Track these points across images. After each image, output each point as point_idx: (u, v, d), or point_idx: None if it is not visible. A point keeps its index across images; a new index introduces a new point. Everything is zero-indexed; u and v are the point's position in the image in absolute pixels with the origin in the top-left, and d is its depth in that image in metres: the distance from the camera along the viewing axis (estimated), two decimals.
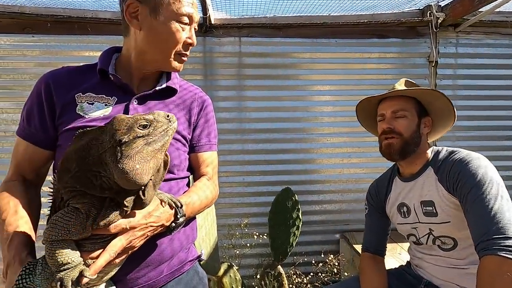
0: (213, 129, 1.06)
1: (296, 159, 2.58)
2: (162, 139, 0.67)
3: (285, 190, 1.97)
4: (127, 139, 0.63)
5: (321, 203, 2.61)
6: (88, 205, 0.65)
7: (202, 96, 1.05)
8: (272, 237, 1.86)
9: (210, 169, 1.02)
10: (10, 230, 0.75)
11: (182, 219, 0.83)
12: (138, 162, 0.62)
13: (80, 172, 0.66)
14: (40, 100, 0.87)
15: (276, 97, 2.56)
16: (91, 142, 0.66)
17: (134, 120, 0.65)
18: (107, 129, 0.66)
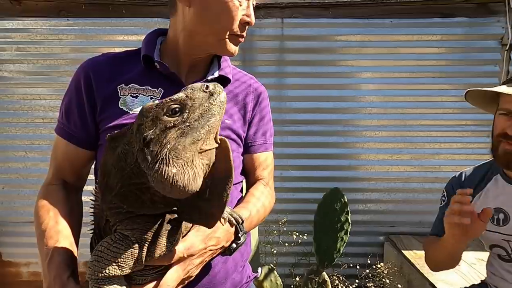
0: (270, 126, 0.93)
1: (339, 153, 2.37)
2: (206, 122, 0.50)
3: (334, 191, 1.80)
4: (153, 135, 0.48)
5: (365, 202, 2.40)
6: (139, 231, 0.53)
7: (257, 87, 0.90)
8: (317, 242, 1.71)
9: (267, 172, 0.90)
10: (50, 245, 0.66)
11: (244, 238, 0.72)
12: (174, 163, 0.47)
13: (124, 188, 0.52)
14: (80, 93, 0.77)
15: (320, 85, 2.33)
16: (125, 147, 0.52)
17: (160, 106, 0.49)
18: (134, 127, 0.52)
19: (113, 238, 0.53)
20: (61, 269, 0.62)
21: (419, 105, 2.33)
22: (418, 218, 2.37)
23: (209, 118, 0.50)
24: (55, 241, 0.66)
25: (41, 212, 0.72)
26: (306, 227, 2.31)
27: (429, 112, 2.34)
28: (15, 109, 2.35)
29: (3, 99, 2.35)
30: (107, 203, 0.54)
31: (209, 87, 0.52)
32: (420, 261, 1.98)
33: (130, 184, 0.52)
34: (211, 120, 0.50)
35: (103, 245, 0.52)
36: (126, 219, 0.53)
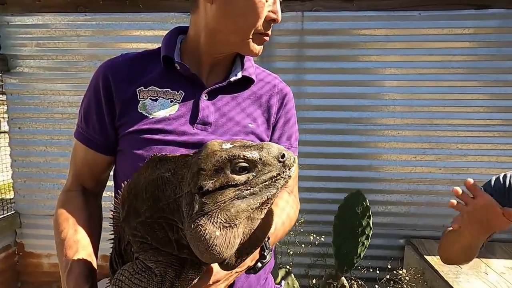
0: (295, 130, 0.87)
1: (360, 153, 2.28)
2: (267, 192, 0.46)
3: (355, 194, 1.73)
4: (211, 187, 0.44)
5: (385, 204, 2.31)
6: (163, 265, 0.49)
7: (282, 88, 0.85)
8: (336, 246, 1.65)
9: (291, 179, 0.84)
10: (69, 256, 0.64)
11: (270, 257, 0.67)
12: (221, 225, 0.43)
13: (153, 219, 0.49)
14: (98, 97, 0.74)
15: (341, 82, 2.24)
16: (168, 176, 0.48)
17: (229, 157, 0.45)
18: (192, 161, 0.47)
19: (135, 267, 0.49)
20: (79, 282, 0.60)
21: (447, 103, 2.20)
22: (442, 222, 2.26)
23: (271, 189, 0.47)
24: (74, 251, 0.64)
25: (60, 219, 0.70)
26: (323, 228, 2.26)
27: (457, 111, 2.21)
28: (36, 104, 2.39)
29: (24, 94, 2.38)
30: (131, 228, 0.51)
31: (285, 157, 0.48)
32: (444, 268, 1.89)
33: (160, 217, 0.48)
34: (272, 191, 0.47)
35: (124, 274, 0.49)
36: (150, 249, 0.50)
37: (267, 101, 0.80)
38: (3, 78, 2.38)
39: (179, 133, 0.69)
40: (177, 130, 0.69)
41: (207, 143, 0.49)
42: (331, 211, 2.24)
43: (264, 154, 0.47)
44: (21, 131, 2.42)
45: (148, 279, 0.48)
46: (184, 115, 0.71)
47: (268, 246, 0.66)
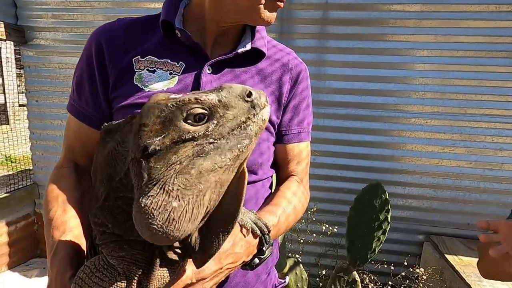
0: (308, 113, 0.78)
1: (381, 142, 2.13)
2: (237, 144, 0.37)
3: (374, 186, 1.60)
4: (159, 145, 0.34)
5: (406, 197, 2.17)
6: (127, 261, 0.41)
7: (297, 65, 0.75)
8: (350, 239, 1.56)
9: (301, 167, 0.77)
10: (56, 237, 0.59)
11: (269, 252, 0.60)
12: (179, 193, 0.34)
13: (110, 202, 0.41)
14: (91, 66, 0.67)
15: (366, 64, 2.06)
16: (116, 148, 0.40)
17: (178, 105, 0.36)
18: (135, 123, 0.38)
19: (97, 264, 0.42)
20: (63, 266, 0.54)
21: (485, 91, 1.98)
22: (467, 220, 2.10)
23: (242, 139, 0.37)
24: (61, 232, 0.59)
25: (50, 197, 0.65)
26: (337, 218, 2.16)
27: (496, 100, 1.99)
28: (51, 78, 2.38)
29: (40, 67, 2.38)
30: (91, 216, 0.43)
31: (252, 94, 0.38)
32: (466, 269, 1.76)
33: (117, 198, 0.40)
34: (243, 142, 0.37)
35: (85, 270, 0.41)
36: (111, 243, 0.42)
37: (279, 79, 0.71)
38: (21, 50, 2.38)
39: None
40: None
41: (151, 96, 0.39)
42: (346, 201, 2.13)
43: (223, 95, 0.37)
44: (39, 104, 2.44)
45: (110, 278, 0.40)
46: (183, 90, 0.64)
47: (268, 240, 0.58)
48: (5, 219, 2.46)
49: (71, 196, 0.65)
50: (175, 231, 0.34)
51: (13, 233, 2.52)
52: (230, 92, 0.38)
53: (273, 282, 0.77)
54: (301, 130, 0.75)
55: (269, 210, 0.64)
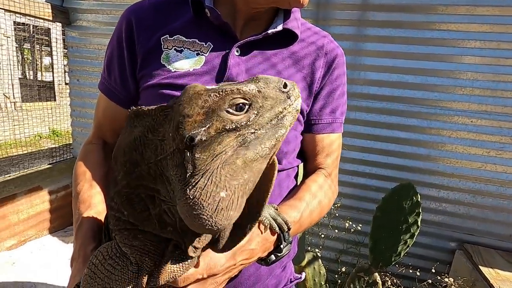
0: (342, 102, 0.73)
1: (418, 140, 1.98)
2: (275, 133, 0.37)
3: (405, 186, 1.50)
4: (205, 136, 0.34)
5: (440, 200, 2.02)
6: (139, 252, 0.41)
7: (332, 49, 0.70)
8: (374, 239, 1.49)
9: (331, 160, 0.72)
10: (81, 210, 0.62)
11: (287, 250, 0.57)
12: (226, 184, 0.34)
13: (130, 189, 0.40)
14: (121, 44, 0.67)
15: (408, 55, 1.91)
16: (146, 135, 0.39)
17: (221, 95, 0.36)
18: (173, 111, 0.37)
19: (109, 251, 0.42)
20: (87, 239, 0.57)
21: None
22: (509, 231, 1.92)
23: (279, 129, 0.38)
24: (86, 207, 0.61)
25: (78, 172, 0.68)
26: (362, 215, 2.08)
27: None
28: (92, 59, 2.50)
29: (82, 48, 2.50)
30: (109, 199, 0.43)
31: (287, 85, 0.39)
32: (503, 285, 1.61)
33: (138, 186, 0.39)
34: (280, 131, 0.38)
35: (98, 256, 0.42)
36: (125, 230, 0.41)
37: (311, 64, 0.66)
38: (66, 31, 2.52)
39: None
40: None
41: (186, 86, 0.38)
42: (372, 199, 2.04)
43: (262, 86, 0.37)
44: (79, 83, 2.58)
45: (122, 267, 0.40)
46: (209, 71, 0.62)
47: (287, 238, 0.55)
48: (48, 188, 2.68)
49: (97, 172, 0.67)
50: (223, 220, 0.34)
51: (54, 201, 2.75)
52: (268, 83, 0.38)
53: (289, 276, 0.74)
54: (333, 120, 0.70)
55: (291, 205, 0.61)
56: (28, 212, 2.54)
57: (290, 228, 0.55)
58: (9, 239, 2.43)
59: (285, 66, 0.65)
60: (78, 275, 0.51)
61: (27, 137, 4.26)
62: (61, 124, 4.46)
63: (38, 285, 2.04)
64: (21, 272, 2.15)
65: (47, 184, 2.66)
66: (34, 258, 2.37)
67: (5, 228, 2.38)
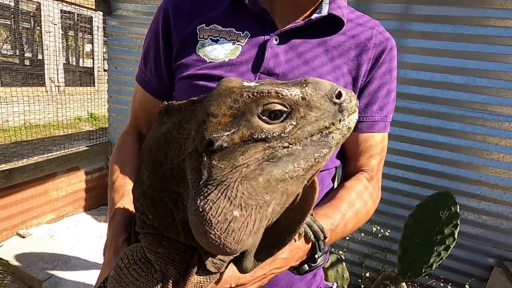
0: (391, 99, 0.66)
1: (460, 146, 1.84)
2: (314, 152, 0.31)
3: (443, 195, 1.40)
4: (227, 143, 0.30)
5: (480, 212, 1.87)
6: (164, 259, 0.38)
7: (383, 40, 0.63)
8: (403, 247, 1.41)
9: (375, 162, 0.66)
10: (115, 200, 0.62)
11: (322, 259, 0.53)
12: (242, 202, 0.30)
13: (154, 191, 0.37)
14: (157, 35, 0.66)
15: (455, 53, 1.76)
16: (172, 132, 0.36)
17: (255, 97, 0.31)
18: (200, 107, 0.34)
19: (134, 255, 0.40)
20: (118, 230, 0.57)
21: None
22: None
23: (321, 148, 0.32)
24: (120, 196, 0.62)
25: (114, 162, 0.69)
26: (391, 221, 1.99)
27: None
28: (129, 47, 2.58)
29: (120, 36, 2.59)
30: (134, 199, 0.41)
31: (341, 95, 0.32)
32: None
33: (162, 189, 0.36)
34: (321, 151, 0.32)
35: (124, 260, 0.40)
36: (150, 235, 0.39)
37: (358, 56, 0.61)
38: (107, 20, 2.62)
39: None
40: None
41: (221, 80, 0.34)
42: (403, 205, 1.94)
43: (309, 92, 0.31)
44: (117, 70, 2.68)
45: (146, 273, 0.39)
46: (246, 62, 0.59)
47: (322, 247, 0.51)
48: (84, 169, 2.85)
49: (131, 163, 0.67)
50: (233, 243, 0.30)
51: (89, 181, 2.92)
52: (317, 89, 0.32)
53: (318, 284, 0.71)
54: (380, 119, 0.64)
55: (326, 214, 0.56)
56: (67, 190, 2.72)
57: (326, 237, 0.51)
58: (49, 213, 2.62)
59: (327, 58, 0.60)
60: (109, 265, 0.51)
61: (68, 120, 4.55)
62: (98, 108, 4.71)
63: (72, 259, 2.19)
64: (58, 245, 2.32)
65: (84, 165, 2.83)
66: (70, 233, 2.54)
67: (46, 203, 2.57)
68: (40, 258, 2.13)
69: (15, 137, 3.16)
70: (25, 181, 2.32)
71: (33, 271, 2.01)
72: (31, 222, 2.47)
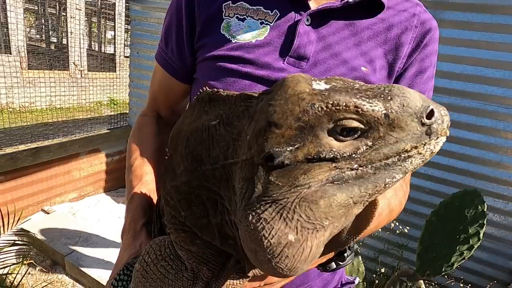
0: (430, 87, 0.61)
1: (489, 143, 1.75)
2: (386, 176, 0.28)
3: (470, 193, 1.34)
4: (290, 158, 0.27)
5: (507, 214, 1.79)
6: (197, 259, 0.36)
7: (425, 21, 0.58)
8: (424, 245, 1.37)
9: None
10: (134, 184, 0.61)
11: (350, 258, 0.50)
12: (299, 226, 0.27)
13: (190, 187, 0.34)
14: (180, 12, 0.62)
15: (491, 44, 1.66)
16: (218, 128, 0.32)
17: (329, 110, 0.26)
18: (258, 107, 0.30)
19: (163, 251, 0.38)
20: (136, 214, 0.57)
21: None
22: None
23: (395, 173, 0.28)
24: (138, 181, 0.61)
25: (132, 143, 0.67)
26: (410, 218, 1.94)
27: None
28: (151, 32, 2.59)
29: (143, 21, 2.60)
30: (165, 191, 0.38)
31: (434, 114, 0.27)
32: None
33: (200, 187, 0.33)
34: (394, 176, 0.28)
35: (150, 254, 0.38)
36: (182, 232, 0.36)
37: (398, 37, 0.56)
38: (130, 4, 2.63)
39: (259, 64, 0.54)
40: (258, 60, 0.54)
41: (286, 78, 0.29)
42: (424, 203, 1.88)
43: (394, 109, 0.26)
44: (139, 55, 2.71)
45: (176, 271, 0.37)
46: (273, 42, 0.55)
47: (352, 246, 0.49)
48: (105, 151, 2.93)
49: (150, 146, 0.66)
50: (285, 270, 0.28)
51: (109, 163, 3.00)
52: (405, 105, 0.27)
53: (339, 279, 0.68)
54: None
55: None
56: (88, 170, 2.81)
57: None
58: (72, 192, 2.73)
59: (365, 38, 0.55)
60: (127, 250, 0.51)
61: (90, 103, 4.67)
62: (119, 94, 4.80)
63: (92, 236, 2.28)
64: (79, 223, 2.42)
65: (105, 148, 2.91)
66: (91, 212, 2.64)
67: (69, 182, 2.67)
68: (63, 234, 2.23)
69: (42, 118, 3.28)
70: (50, 160, 2.41)
71: (56, 246, 2.10)
72: (54, 200, 2.58)
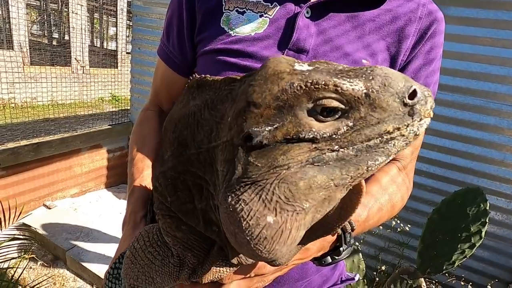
0: (434, 80, 0.60)
1: (493, 141, 1.74)
2: (368, 159, 0.27)
3: (472, 191, 1.33)
4: (267, 139, 0.26)
5: (509, 213, 1.78)
6: (182, 245, 0.36)
7: (430, 12, 0.56)
8: (425, 243, 1.37)
9: (409, 150, 0.61)
10: (135, 176, 0.61)
11: (347, 253, 0.49)
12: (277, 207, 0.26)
13: (175, 173, 0.35)
14: (180, 6, 0.62)
15: (496, 41, 1.64)
16: (203, 112, 0.32)
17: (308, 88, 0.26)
18: (240, 89, 0.30)
19: (150, 237, 0.38)
20: (137, 206, 0.57)
21: None
22: None
23: (377, 155, 0.27)
24: (139, 173, 0.61)
25: (134, 137, 0.68)
26: (411, 216, 1.93)
27: None
28: (153, 28, 2.58)
29: (145, 17, 2.59)
30: (154, 177, 0.38)
31: (416, 94, 0.27)
32: None
33: (185, 172, 0.33)
34: (377, 159, 0.27)
35: (139, 241, 0.39)
36: (168, 217, 0.36)
37: (401, 29, 0.55)
38: (132, 0, 2.62)
39: (258, 57, 0.54)
40: (257, 53, 0.54)
41: (268, 59, 0.29)
42: (426, 201, 1.87)
43: (375, 88, 0.26)
44: (140, 51, 2.70)
45: (163, 257, 0.37)
46: (272, 36, 0.55)
47: (348, 240, 0.48)
48: (106, 147, 2.93)
49: (152, 141, 0.66)
50: (264, 252, 0.27)
51: (110, 159, 3.00)
52: (386, 85, 0.26)
53: (339, 275, 0.68)
54: None
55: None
56: (89, 166, 2.81)
57: (354, 229, 0.48)
58: (73, 187, 2.73)
59: (367, 30, 0.55)
60: (127, 241, 0.51)
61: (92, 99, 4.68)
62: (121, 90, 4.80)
63: (93, 232, 2.28)
64: (81, 218, 2.43)
65: (106, 143, 2.91)
66: (92, 207, 2.65)
67: (71, 177, 2.67)
68: (64, 229, 2.24)
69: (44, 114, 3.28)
70: (52, 155, 2.41)
71: (57, 241, 2.11)
72: (56, 195, 2.59)
